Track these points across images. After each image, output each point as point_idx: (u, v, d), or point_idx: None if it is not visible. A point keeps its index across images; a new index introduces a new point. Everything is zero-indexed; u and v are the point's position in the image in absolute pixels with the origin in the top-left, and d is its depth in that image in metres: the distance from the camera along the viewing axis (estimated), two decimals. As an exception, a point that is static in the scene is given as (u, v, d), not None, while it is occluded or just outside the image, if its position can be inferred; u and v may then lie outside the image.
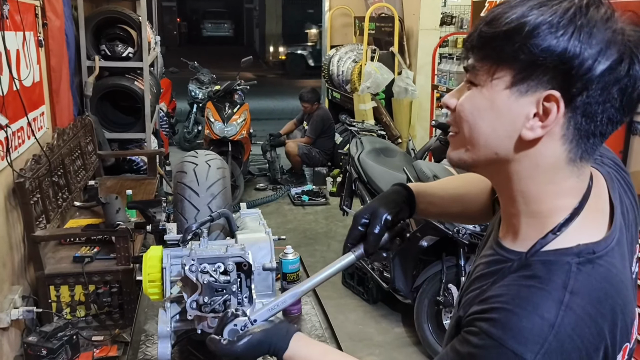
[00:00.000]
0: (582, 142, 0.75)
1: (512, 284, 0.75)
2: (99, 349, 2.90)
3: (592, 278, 0.73)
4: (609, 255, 0.76)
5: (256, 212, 1.83)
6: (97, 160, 4.52)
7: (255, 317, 1.04)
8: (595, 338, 0.71)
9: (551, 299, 0.71)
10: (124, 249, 3.02)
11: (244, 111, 5.91)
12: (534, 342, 0.69)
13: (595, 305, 0.72)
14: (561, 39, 0.70)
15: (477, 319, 0.75)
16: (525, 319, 0.71)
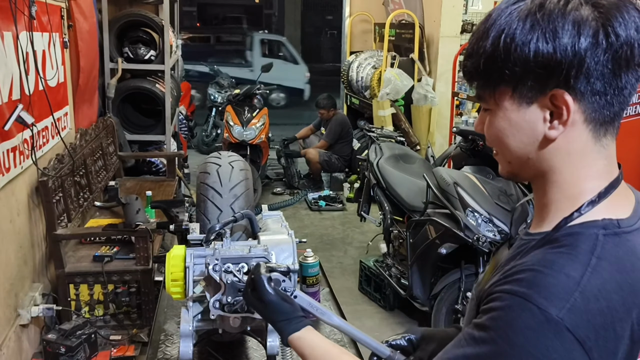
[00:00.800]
0: (602, 117, 0.77)
1: (538, 253, 0.76)
2: (116, 348, 2.92)
3: (619, 249, 0.73)
4: (634, 234, 0.76)
5: (278, 214, 1.83)
6: (118, 161, 4.57)
7: (298, 294, 1.07)
8: (621, 307, 0.70)
9: (578, 261, 0.71)
10: (144, 249, 3.03)
11: (263, 115, 5.93)
12: (560, 298, 0.69)
13: (622, 274, 0.71)
14: (532, 46, 0.74)
15: (499, 285, 0.75)
16: (551, 276, 0.70)
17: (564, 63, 0.73)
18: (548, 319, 0.68)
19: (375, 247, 4.13)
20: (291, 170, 6.50)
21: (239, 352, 1.88)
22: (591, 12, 0.73)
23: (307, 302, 1.08)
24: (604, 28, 0.73)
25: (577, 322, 0.68)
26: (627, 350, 0.71)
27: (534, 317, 0.69)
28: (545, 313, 0.68)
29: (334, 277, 4.19)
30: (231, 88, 7.43)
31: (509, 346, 0.69)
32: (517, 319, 0.70)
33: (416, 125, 6.04)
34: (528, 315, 0.69)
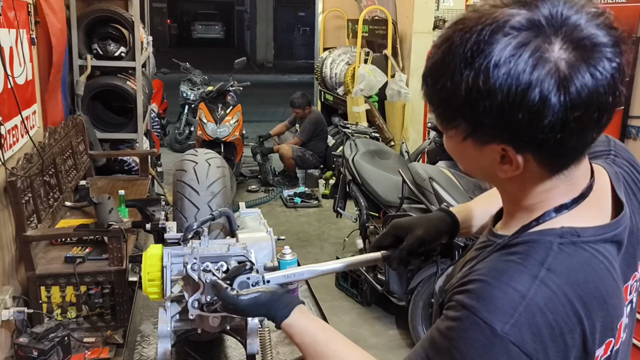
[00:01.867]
0: (557, 161, 0.75)
1: (492, 259, 0.77)
2: (90, 350, 2.86)
3: (574, 260, 0.73)
4: (600, 245, 0.75)
5: (256, 212, 1.81)
6: (89, 160, 4.47)
7: (270, 278, 1.05)
8: (570, 318, 0.70)
9: (527, 272, 0.71)
10: (117, 250, 2.98)
11: (236, 112, 5.89)
12: (504, 312, 0.69)
13: (572, 286, 0.71)
14: (490, 81, 0.68)
15: (455, 293, 0.76)
16: (498, 289, 0.71)
17: (516, 120, 0.69)
18: (494, 334, 0.69)
19: (352, 243, 4.14)
20: (266, 167, 6.47)
21: (218, 351, 1.86)
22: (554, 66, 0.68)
23: (282, 277, 1.07)
24: (563, 88, 0.67)
25: (523, 337, 0.69)
26: (581, 358, 0.72)
27: (482, 332, 0.70)
28: (490, 328, 0.69)
29: (311, 273, 4.17)
30: (204, 85, 7.35)
31: (462, 357, 0.71)
32: (467, 332, 0.71)
33: (390, 121, 6.06)
34: (476, 329, 0.70)
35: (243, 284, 1.04)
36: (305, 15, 18.89)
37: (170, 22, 25.35)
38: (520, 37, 0.68)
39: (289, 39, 21.87)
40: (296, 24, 21.45)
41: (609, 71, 0.69)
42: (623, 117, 3.08)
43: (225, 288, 1.01)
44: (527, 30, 0.68)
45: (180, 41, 25.12)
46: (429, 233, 1.11)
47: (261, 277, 1.05)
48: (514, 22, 0.68)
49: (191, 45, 24.15)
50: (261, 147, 6.51)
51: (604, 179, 0.83)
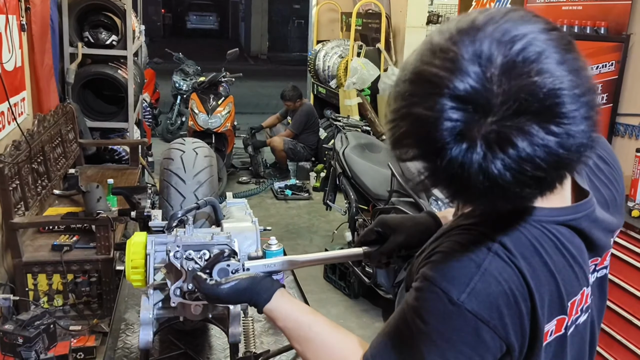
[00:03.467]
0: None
1: (452, 235, 0.80)
2: (76, 338, 2.86)
3: (523, 235, 0.76)
4: (551, 225, 0.78)
5: (242, 202, 1.81)
6: (78, 149, 4.45)
7: (250, 266, 1.04)
8: (522, 288, 0.74)
9: (482, 245, 0.75)
10: (104, 238, 2.97)
11: (228, 103, 5.87)
12: (461, 282, 0.73)
13: (523, 259, 0.74)
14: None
15: (420, 266, 0.80)
16: (455, 260, 0.75)
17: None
18: (451, 302, 0.73)
19: (341, 236, 4.15)
20: (257, 159, 6.46)
21: (202, 340, 1.86)
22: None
23: (262, 267, 1.06)
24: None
25: (479, 305, 0.72)
26: (535, 329, 0.75)
27: (440, 300, 0.74)
28: (448, 296, 0.73)
29: (300, 265, 4.19)
30: (196, 76, 7.32)
31: (425, 325, 0.76)
32: (428, 302, 0.76)
33: (382, 115, 6.07)
34: (435, 298, 0.74)
35: (222, 272, 1.04)
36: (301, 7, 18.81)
37: (164, 11, 25.17)
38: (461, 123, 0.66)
39: (283, 31, 21.77)
40: (291, 16, 21.35)
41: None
42: (611, 115, 3.10)
43: (204, 279, 1.01)
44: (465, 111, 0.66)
45: (174, 31, 24.95)
46: (412, 238, 1.12)
47: (241, 265, 1.05)
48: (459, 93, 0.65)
49: (185, 36, 24.00)
50: (253, 138, 6.50)
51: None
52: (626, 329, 2.58)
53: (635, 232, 2.50)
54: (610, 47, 3.01)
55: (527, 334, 0.75)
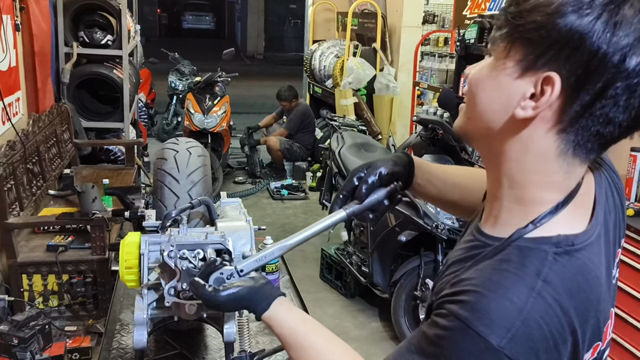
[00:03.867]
0: (577, 137, 0.72)
1: (485, 267, 0.74)
2: (72, 339, 2.85)
3: (567, 270, 0.71)
4: (587, 249, 0.74)
5: (236, 201, 1.81)
6: (73, 149, 4.44)
7: (242, 267, 1.02)
8: (564, 329, 0.70)
9: (523, 284, 0.69)
10: (100, 239, 2.97)
11: (224, 103, 5.86)
12: (501, 326, 0.68)
13: (567, 297, 0.70)
14: (585, 20, 0.67)
15: (446, 302, 0.73)
16: (495, 302, 0.69)
17: (593, 58, 0.68)
18: (488, 347, 0.68)
19: (337, 236, 4.15)
20: (254, 159, 6.46)
21: (198, 340, 1.86)
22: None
23: (254, 262, 1.03)
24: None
25: (519, 350, 0.68)
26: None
27: (475, 344, 0.68)
28: (485, 341, 0.68)
29: (296, 265, 4.19)
30: (192, 75, 7.31)
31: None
32: (459, 343, 0.70)
33: (378, 115, 6.07)
34: (470, 341, 0.69)
35: (218, 280, 1.01)
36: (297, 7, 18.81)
37: (160, 11, 25.13)
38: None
39: (280, 31, 21.77)
40: (287, 16, 21.35)
41: None
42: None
43: (202, 285, 0.99)
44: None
45: (170, 31, 24.91)
46: (386, 163, 1.04)
47: (234, 269, 1.04)
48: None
49: (181, 36, 23.97)
50: (249, 138, 6.50)
51: (590, 177, 0.83)
52: (622, 329, 2.59)
53: (630, 231, 2.51)
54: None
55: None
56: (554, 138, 0.73)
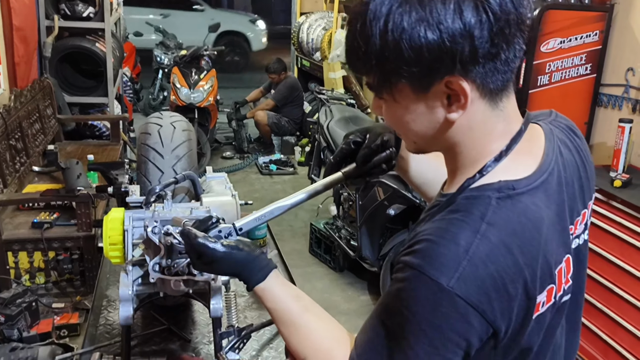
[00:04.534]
0: (497, 88, 0.78)
1: (437, 219, 0.79)
2: (59, 316, 2.84)
3: (511, 212, 0.76)
4: (530, 193, 0.78)
5: (222, 176, 1.79)
6: (57, 125, 4.37)
7: (241, 224, 0.99)
8: (510, 268, 0.73)
9: (469, 228, 0.74)
10: (85, 215, 2.93)
11: (211, 77, 5.78)
12: (449, 268, 0.72)
13: (511, 237, 0.74)
14: (422, 39, 0.72)
15: (403, 255, 0.78)
16: (443, 246, 0.74)
17: (453, 49, 0.73)
18: (441, 289, 0.72)
19: (326, 210, 4.14)
20: (241, 134, 6.40)
21: (185, 315, 1.85)
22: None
23: (254, 221, 1.00)
24: (481, 4, 0.72)
25: (468, 289, 0.72)
26: (524, 306, 0.76)
27: (430, 288, 0.73)
28: (437, 284, 0.72)
29: (284, 240, 4.18)
30: (178, 49, 7.19)
31: (412, 315, 0.75)
32: (415, 291, 0.75)
33: (366, 88, 6.02)
34: (424, 286, 0.73)
35: (217, 237, 0.97)
36: (284, -21, 18.49)
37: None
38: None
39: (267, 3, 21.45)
40: (274, -12, 21.00)
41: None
42: (595, 85, 3.09)
43: (194, 235, 0.93)
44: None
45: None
46: (385, 132, 1.07)
47: (232, 227, 0.99)
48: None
49: (166, 9, 23.50)
50: (237, 113, 6.43)
51: (538, 132, 0.87)
52: (607, 298, 2.62)
53: (617, 201, 2.52)
54: (594, 16, 2.99)
55: (514, 314, 0.75)
56: (483, 103, 0.79)
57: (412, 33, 0.72)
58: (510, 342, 0.77)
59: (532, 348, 0.81)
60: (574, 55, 3.01)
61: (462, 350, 0.75)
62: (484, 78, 0.76)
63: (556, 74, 3.00)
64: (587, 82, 3.08)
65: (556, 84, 3.01)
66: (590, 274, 2.69)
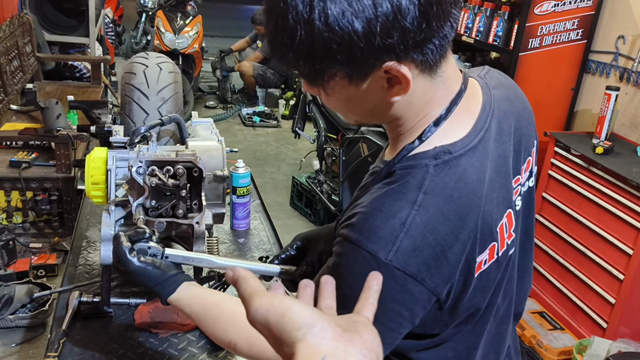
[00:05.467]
0: (434, 60, 0.74)
1: (374, 190, 0.77)
2: (37, 256, 2.83)
3: (447, 178, 0.75)
4: (468, 155, 0.77)
5: (208, 122, 1.75)
6: (36, 63, 4.24)
7: (169, 254, 1.03)
8: (449, 235, 0.73)
9: (405, 199, 0.73)
10: (65, 157, 2.88)
11: (196, 23, 5.64)
12: (387, 242, 0.72)
13: (449, 203, 0.74)
14: (350, 27, 0.67)
15: (341, 227, 0.77)
16: (379, 219, 0.73)
17: (385, 38, 0.68)
18: (379, 264, 0.71)
19: (308, 164, 4.14)
20: (225, 84, 6.30)
21: (166, 260, 1.85)
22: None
23: (181, 258, 1.04)
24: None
25: (406, 261, 0.72)
26: (465, 268, 0.76)
27: (367, 262, 0.72)
28: (375, 258, 0.72)
29: (266, 192, 4.19)
30: (163, -8, 6.96)
31: (351, 290, 0.71)
32: (353, 265, 0.74)
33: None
34: (362, 260, 0.73)
35: (141, 250, 1.01)
36: None
37: None
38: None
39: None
40: None
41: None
42: (585, 52, 3.08)
43: (121, 243, 1.00)
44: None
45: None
46: (331, 243, 1.10)
47: (160, 251, 1.02)
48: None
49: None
50: (221, 62, 6.31)
51: (475, 88, 0.85)
52: (580, 261, 2.68)
53: (597, 168, 2.55)
54: (590, -20, 2.96)
55: (455, 278, 0.75)
56: (423, 77, 0.75)
57: (340, 24, 0.67)
58: (455, 302, 0.78)
59: (480, 305, 0.81)
60: (567, 19, 2.98)
61: (406, 320, 0.76)
62: (422, 56, 0.72)
63: (547, 38, 2.98)
64: (577, 47, 3.07)
65: (547, 47, 3.00)
66: (566, 238, 2.75)
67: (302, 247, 1.13)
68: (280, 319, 0.52)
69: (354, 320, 0.56)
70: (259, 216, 2.13)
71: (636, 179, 2.35)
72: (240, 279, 0.57)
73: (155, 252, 1.02)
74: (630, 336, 2.44)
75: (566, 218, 2.75)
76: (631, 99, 2.88)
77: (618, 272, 2.45)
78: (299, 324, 0.51)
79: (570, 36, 3.03)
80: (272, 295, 0.54)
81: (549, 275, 2.87)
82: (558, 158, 2.80)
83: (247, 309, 0.55)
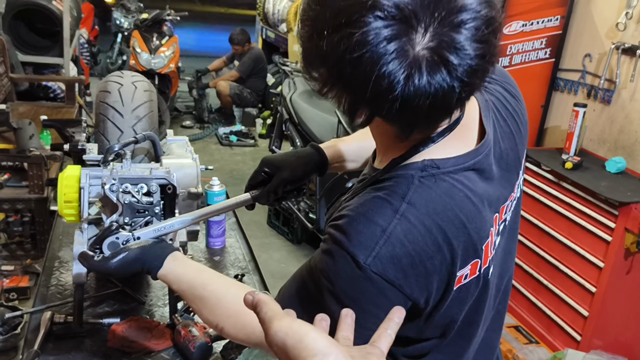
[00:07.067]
0: (408, 128, 0.74)
1: (363, 194, 0.80)
2: (9, 278, 2.76)
3: (433, 191, 0.77)
4: (457, 173, 0.79)
5: (183, 139, 1.76)
6: (9, 84, 4.19)
7: (140, 234, 1.04)
8: (429, 247, 0.75)
9: (389, 207, 0.76)
10: (37, 177, 2.85)
11: (172, 43, 5.65)
12: (367, 247, 0.74)
13: (431, 216, 0.76)
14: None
15: (329, 226, 0.81)
16: (362, 224, 0.76)
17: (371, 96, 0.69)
18: (358, 265, 0.74)
19: (285, 182, 4.14)
20: (202, 103, 6.31)
21: (140, 278, 1.83)
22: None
23: (153, 232, 1.06)
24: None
25: (384, 267, 0.74)
26: (444, 279, 0.77)
27: (347, 263, 0.75)
28: (355, 260, 0.75)
29: (243, 210, 4.14)
30: (138, 12, 6.98)
31: (332, 286, 0.77)
32: (335, 265, 0.77)
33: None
34: (343, 261, 0.76)
35: (112, 245, 1.02)
36: (251, -52, 18.07)
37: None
38: (392, 29, 0.65)
39: (233, -27, 20.96)
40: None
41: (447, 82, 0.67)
42: (553, 70, 3.17)
43: (91, 257, 1.01)
44: (398, 21, 0.65)
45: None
46: (295, 172, 1.14)
47: (131, 235, 1.03)
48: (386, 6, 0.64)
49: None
50: (198, 82, 6.32)
51: (473, 108, 0.86)
52: (553, 275, 2.72)
53: (567, 182, 2.61)
54: (556, 1, 3.05)
55: (433, 287, 0.77)
56: (392, 129, 0.77)
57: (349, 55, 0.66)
58: (432, 311, 0.79)
59: (455, 317, 0.82)
60: (535, 39, 3.07)
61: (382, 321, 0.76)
62: (391, 123, 0.75)
63: (517, 57, 3.06)
64: (545, 66, 3.16)
65: (516, 66, 3.07)
66: (539, 252, 2.79)
67: (269, 173, 1.17)
68: (297, 343, 0.54)
69: (367, 351, 0.59)
70: (235, 234, 2.13)
71: (604, 192, 2.41)
72: (261, 302, 0.59)
73: (125, 239, 1.03)
74: (602, 348, 2.48)
75: (538, 232, 2.80)
76: (599, 115, 2.96)
77: (590, 285, 2.49)
78: (315, 351, 0.53)
79: (539, 55, 3.12)
80: (292, 319, 0.57)
81: (524, 289, 2.91)
82: (529, 173, 2.86)
83: (267, 330, 0.57)
